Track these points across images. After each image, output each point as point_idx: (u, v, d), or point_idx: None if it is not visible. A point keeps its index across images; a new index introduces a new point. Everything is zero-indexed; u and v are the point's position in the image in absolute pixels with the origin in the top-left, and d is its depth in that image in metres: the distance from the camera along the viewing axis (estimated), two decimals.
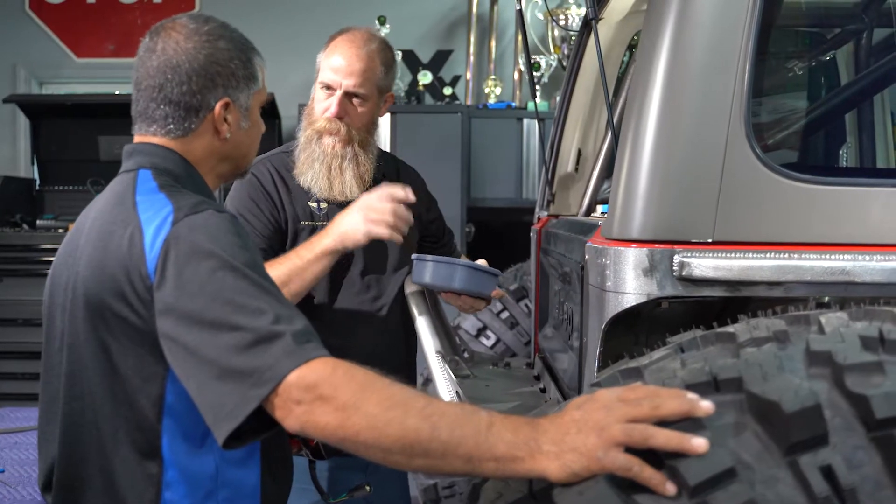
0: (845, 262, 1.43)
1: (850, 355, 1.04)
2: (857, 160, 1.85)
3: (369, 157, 2.05)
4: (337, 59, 1.98)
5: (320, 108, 2.00)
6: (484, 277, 2.00)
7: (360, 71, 1.97)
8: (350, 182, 2.02)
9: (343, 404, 1.07)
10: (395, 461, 1.07)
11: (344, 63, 1.97)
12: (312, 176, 2.00)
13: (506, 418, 1.05)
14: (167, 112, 1.34)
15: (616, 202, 1.57)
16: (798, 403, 0.98)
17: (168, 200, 1.26)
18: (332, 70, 1.98)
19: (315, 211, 2.03)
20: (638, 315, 1.81)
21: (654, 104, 1.50)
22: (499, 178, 5.09)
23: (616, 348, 1.64)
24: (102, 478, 1.28)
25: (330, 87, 1.99)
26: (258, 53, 1.43)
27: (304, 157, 2.01)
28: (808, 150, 1.75)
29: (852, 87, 1.77)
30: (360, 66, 1.97)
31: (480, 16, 5.55)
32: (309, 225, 2.02)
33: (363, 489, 1.58)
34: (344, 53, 1.98)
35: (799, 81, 1.79)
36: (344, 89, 1.97)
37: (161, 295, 1.19)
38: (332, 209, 2.03)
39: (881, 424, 0.98)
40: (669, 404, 1.00)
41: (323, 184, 2.00)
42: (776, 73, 1.76)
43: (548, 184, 3.08)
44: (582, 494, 1.00)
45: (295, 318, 1.17)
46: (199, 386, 1.15)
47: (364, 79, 1.98)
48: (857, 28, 1.81)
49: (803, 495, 0.96)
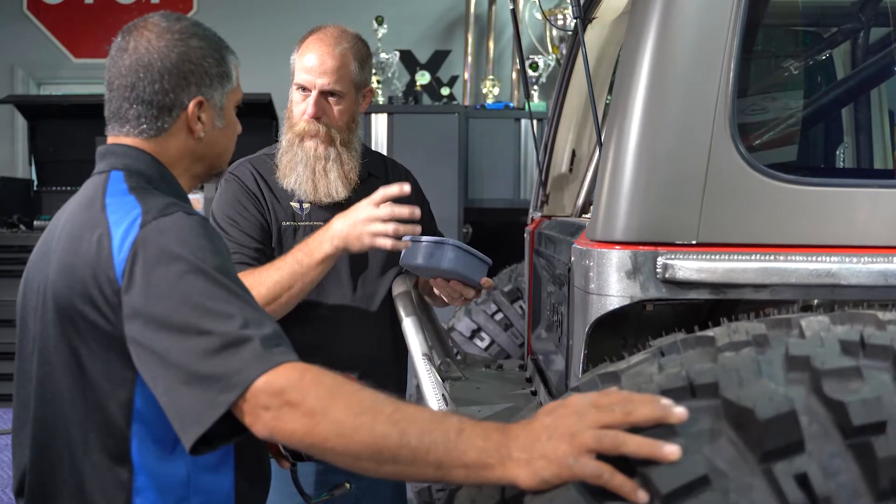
0: (831, 264, 1.41)
1: (828, 360, 1.02)
2: (845, 161, 1.82)
3: (353, 155, 2.03)
4: (309, 58, 1.96)
5: (298, 110, 1.99)
6: (474, 262, 1.95)
7: (333, 69, 1.95)
8: (335, 182, 2.01)
9: (311, 410, 1.05)
10: (364, 467, 1.05)
11: (316, 62, 1.95)
12: (296, 179, 1.98)
13: (476, 424, 1.03)
14: (140, 112, 1.32)
15: (599, 203, 1.55)
16: (772, 410, 0.95)
17: (137, 203, 1.24)
18: (306, 70, 1.96)
19: (297, 211, 2.01)
20: (626, 317, 1.79)
21: (637, 103, 1.48)
22: (496, 179, 5.07)
23: (604, 351, 1.62)
24: (74, 483, 1.26)
25: (305, 87, 1.97)
26: (232, 52, 1.41)
27: (287, 161, 1.99)
28: (794, 151, 1.73)
29: (840, 87, 1.75)
30: (332, 63, 1.95)
31: (478, 16, 5.54)
32: (291, 226, 2.01)
33: (343, 487, 1.56)
34: (316, 52, 1.96)
35: (786, 81, 1.76)
36: (319, 89, 1.95)
37: (129, 299, 1.17)
38: (314, 209, 2.01)
39: (858, 431, 0.95)
40: (642, 410, 0.98)
41: (307, 186, 1.98)
42: (762, 72, 1.74)
43: (541, 185, 3.06)
44: (552, 502, 0.98)
45: (264, 322, 1.14)
46: (167, 391, 1.14)
47: (338, 76, 1.95)
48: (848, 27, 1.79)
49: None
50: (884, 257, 1.40)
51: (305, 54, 1.98)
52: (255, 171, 2.02)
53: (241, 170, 2.02)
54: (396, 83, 5.32)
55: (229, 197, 2.00)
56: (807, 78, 1.74)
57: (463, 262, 1.92)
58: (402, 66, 5.44)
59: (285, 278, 1.83)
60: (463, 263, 1.92)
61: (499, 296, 3.48)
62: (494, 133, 5.06)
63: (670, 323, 1.59)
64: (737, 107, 1.45)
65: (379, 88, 5.15)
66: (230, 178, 2.01)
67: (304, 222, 2.01)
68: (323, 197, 1.99)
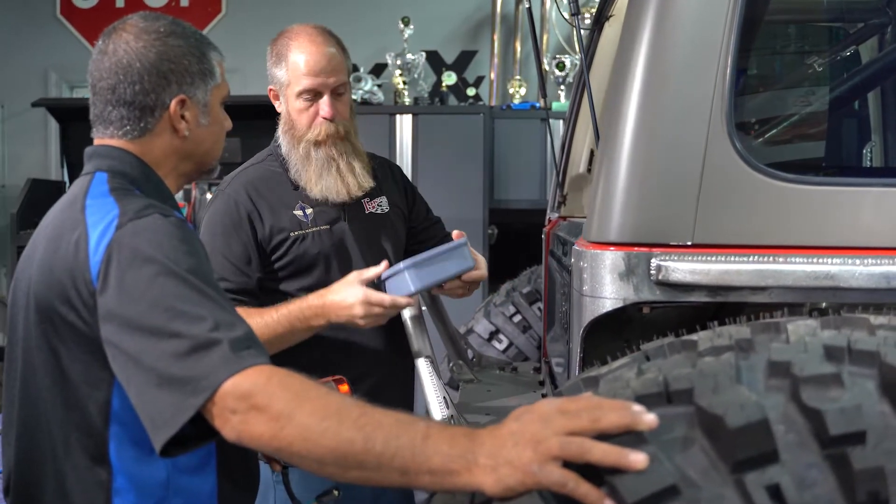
0: (831, 266, 1.36)
1: (807, 367, 0.98)
2: (846, 159, 1.76)
3: (360, 142, 2.03)
4: (310, 62, 1.92)
5: (306, 117, 1.95)
6: (442, 261, 1.86)
7: (337, 65, 1.93)
8: (361, 173, 2.01)
9: (277, 414, 1.04)
10: (330, 472, 1.03)
11: (322, 63, 1.92)
12: (326, 185, 1.96)
13: (444, 429, 1.01)
14: (122, 113, 1.32)
15: (594, 203, 1.51)
16: (743, 418, 0.92)
17: (116, 204, 1.24)
18: (312, 74, 1.91)
19: (302, 219, 1.99)
20: (629, 320, 1.75)
21: (632, 99, 1.45)
22: (522, 180, 5.02)
23: (608, 354, 1.58)
24: (56, 483, 1.26)
25: (315, 92, 1.93)
26: (215, 49, 1.40)
27: (312, 171, 1.96)
28: (794, 149, 1.68)
29: (842, 84, 1.69)
30: (335, 60, 1.93)
31: (505, 16, 5.50)
32: (300, 234, 1.97)
33: (331, 494, 1.54)
34: (315, 54, 1.92)
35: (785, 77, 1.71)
36: (331, 88, 1.93)
37: (104, 300, 1.17)
38: (318, 213, 1.99)
39: (835, 441, 0.91)
40: (610, 417, 0.94)
41: (338, 188, 1.97)
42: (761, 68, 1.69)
43: (559, 185, 3.03)
44: None
45: (236, 325, 1.13)
46: (139, 393, 1.13)
47: (342, 70, 1.94)
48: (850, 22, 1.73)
49: None
50: (887, 259, 1.35)
51: (303, 59, 1.93)
52: (249, 187, 1.98)
53: (233, 190, 1.97)
54: (422, 84, 5.30)
55: (216, 230, 1.95)
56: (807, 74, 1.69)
57: (429, 273, 1.84)
58: (429, 67, 5.43)
59: (265, 336, 1.75)
60: (429, 273, 1.84)
61: (518, 297, 3.45)
62: (521, 133, 5.02)
63: (675, 326, 1.55)
64: (734, 104, 1.41)
65: (405, 89, 5.14)
66: (223, 201, 1.97)
67: (311, 229, 1.98)
68: (356, 191, 1.99)
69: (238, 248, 1.94)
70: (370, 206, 2.08)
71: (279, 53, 1.96)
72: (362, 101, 5.09)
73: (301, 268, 1.99)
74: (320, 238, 1.99)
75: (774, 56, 1.70)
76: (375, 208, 2.09)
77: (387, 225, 2.11)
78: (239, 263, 1.93)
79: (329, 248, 2.00)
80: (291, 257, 1.98)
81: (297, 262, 1.98)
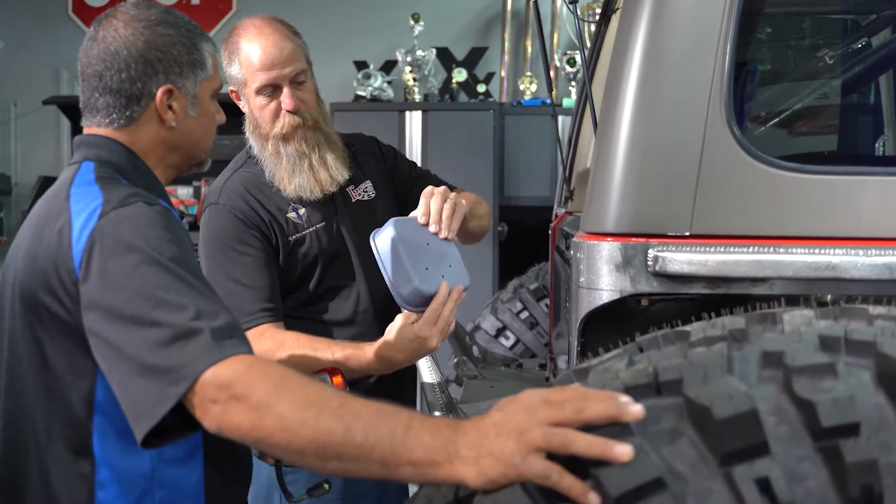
0: (832, 256, 1.33)
1: (800, 357, 0.94)
2: (848, 148, 1.72)
3: (333, 131, 1.96)
4: (262, 55, 1.84)
5: (268, 113, 1.88)
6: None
7: (291, 53, 1.85)
8: (334, 165, 1.93)
9: (256, 404, 1.02)
10: (310, 464, 1.01)
11: (275, 54, 1.84)
12: (299, 184, 1.89)
13: (426, 420, 0.98)
14: (108, 101, 1.30)
15: (592, 194, 1.49)
16: (731, 409, 0.89)
17: (100, 193, 1.22)
18: (266, 68, 1.84)
19: (297, 220, 1.93)
20: (630, 313, 1.72)
21: (629, 88, 1.42)
22: (533, 177, 4.99)
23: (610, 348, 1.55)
24: (40, 475, 1.25)
25: (273, 86, 1.86)
26: (207, 40, 1.38)
27: (283, 169, 1.89)
28: (794, 137, 1.64)
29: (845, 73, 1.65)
30: (288, 49, 1.85)
31: (516, 12, 5.47)
32: (298, 237, 1.92)
33: (322, 488, 1.52)
34: (265, 46, 1.84)
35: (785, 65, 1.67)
36: (289, 79, 1.86)
37: (86, 289, 1.15)
38: (310, 213, 1.93)
39: (827, 433, 0.88)
40: (595, 407, 0.91)
41: (311, 185, 1.90)
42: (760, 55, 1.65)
43: (566, 180, 2.99)
44: (496, 503, 0.92)
45: (219, 314, 1.11)
46: (121, 382, 1.11)
47: (298, 58, 1.87)
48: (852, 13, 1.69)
49: None
50: (890, 249, 1.31)
51: (254, 53, 1.84)
52: (246, 192, 1.90)
53: (231, 198, 1.90)
54: (433, 80, 5.28)
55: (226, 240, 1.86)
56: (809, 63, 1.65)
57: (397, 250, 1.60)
58: (439, 64, 5.40)
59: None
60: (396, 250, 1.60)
61: (525, 294, 3.41)
62: (531, 130, 4.98)
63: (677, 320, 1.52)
64: (733, 92, 1.38)
65: (415, 86, 5.12)
66: (218, 215, 1.89)
67: (308, 230, 1.93)
68: (329, 186, 1.92)
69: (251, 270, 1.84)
70: (356, 193, 2.02)
71: (230, 52, 1.89)
72: (372, 97, 5.07)
73: (303, 272, 1.93)
74: (317, 238, 1.93)
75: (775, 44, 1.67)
76: (361, 195, 2.03)
77: (375, 211, 2.02)
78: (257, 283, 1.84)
79: (326, 245, 1.94)
80: (293, 262, 1.92)
81: (298, 265, 1.92)
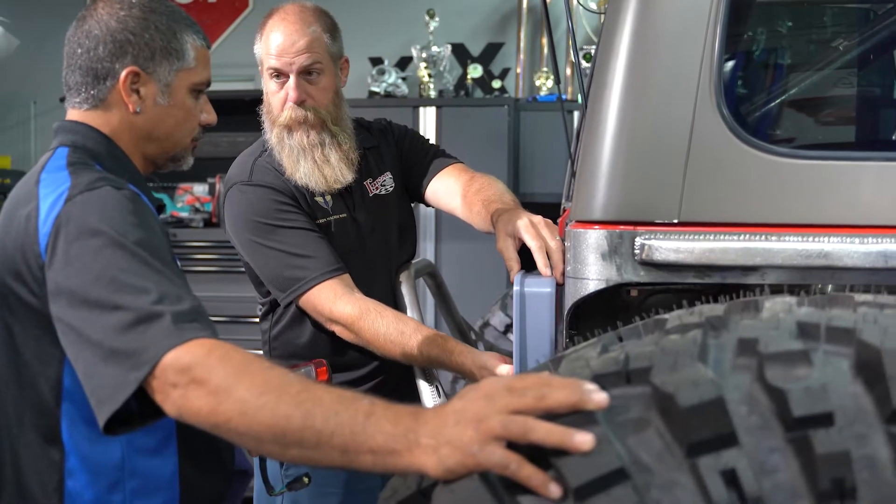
0: (824, 244, 1.27)
1: (774, 343, 0.90)
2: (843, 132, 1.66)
3: (347, 133, 1.91)
4: (276, 39, 1.83)
5: (277, 100, 1.86)
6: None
7: (306, 44, 1.82)
8: (338, 166, 1.89)
9: (216, 388, 1.00)
10: (270, 451, 0.99)
11: (286, 41, 1.82)
12: (305, 173, 1.86)
13: (388, 408, 0.95)
14: (77, 79, 1.30)
15: (580, 181, 1.45)
16: (696, 397, 0.85)
17: (68, 177, 1.21)
18: (277, 54, 1.82)
19: (323, 205, 1.90)
20: (625, 306, 1.68)
21: (616, 71, 1.38)
22: (548, 173, 4.93)
23: None
24: (11, 463, 1.24)
25: (280, 72, 1.84)
26: (195, 32, 1.35)
27: (286, 157, 1.87)
28: (787, 122, 1.59)
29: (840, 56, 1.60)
30: (304, 39, 1.82)
31: (532, 8, 5.42)
32: (324, 222, 1.89)
33: (301, 482, 1.49)
34: (282, 32, 1.83)
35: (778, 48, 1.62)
36: (296, 68, 1.83)
37: (51, 274, 1.14)
38: (336, 200, 1.91)
39: (798, 423, 0.84)
40: (557, 395, 0.88)
41: (317, 177, 1.87)
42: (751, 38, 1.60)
43: (573, 175, 2.95)
44: (454, 493, 0.89)
45: (182, 298, 1.09)
46: (85, 367, 1.10)
47: (317, 51, 1.83)
48: None
49: (703, 503, 0.83)
50: (885, 238, 1.26)
51: (271, 37, 1.84)
52: (280, 175, 1.87)
53: (269, 177, 1.86)
54: (448, 76, 5.25)
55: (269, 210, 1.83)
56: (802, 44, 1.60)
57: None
58: (454, 60, 5.37)
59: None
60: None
61: None
62: (546, 126, 4.93)
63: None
64: (723, 75, 1.33)
65: (430, 82, 5.09)
66: (258, 189, 1.85)
67: (333, 216, 1.90)
68: (333, 184, 1.89)
69: (300, 236, 1.82)
70: (373, 187, 1.99)
71: (260, 30, 1.89)
72: (386, 93, 5.05)
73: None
74: (341, 227, 1.91)
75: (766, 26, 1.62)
76: (379, 189, 2.00)
77: (391, 204, 2.00)
78: (316, 252, 1.82)
79: (343, 238, 1.91)
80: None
81: None
